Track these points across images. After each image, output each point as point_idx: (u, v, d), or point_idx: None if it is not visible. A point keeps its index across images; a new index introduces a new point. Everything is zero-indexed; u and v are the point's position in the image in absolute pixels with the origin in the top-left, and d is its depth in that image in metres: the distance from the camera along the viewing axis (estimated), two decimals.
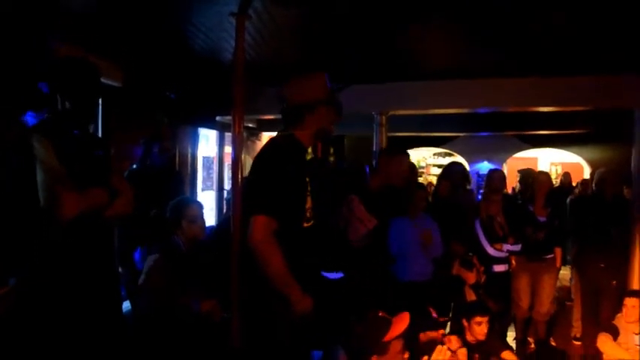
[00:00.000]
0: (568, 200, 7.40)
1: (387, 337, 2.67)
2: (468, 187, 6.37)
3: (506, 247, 5.00)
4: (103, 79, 2.76)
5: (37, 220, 1.77)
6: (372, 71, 5.95)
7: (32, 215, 1.74)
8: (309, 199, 2.55)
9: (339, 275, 3.75)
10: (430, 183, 10.35)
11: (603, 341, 4.41)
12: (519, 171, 6.58)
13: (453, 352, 3.73)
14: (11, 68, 1.84)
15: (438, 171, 12.33)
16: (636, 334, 4.36)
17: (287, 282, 2.40)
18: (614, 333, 4.39)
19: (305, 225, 2.55)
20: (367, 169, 4.13)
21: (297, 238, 2.52)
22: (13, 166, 1.69)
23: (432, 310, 4.18)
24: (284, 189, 2.43)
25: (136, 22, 4.12)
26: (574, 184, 9.80)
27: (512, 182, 9.99)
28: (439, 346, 3.51)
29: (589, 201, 5.60)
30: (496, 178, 5.53)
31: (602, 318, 4.85)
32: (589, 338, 4.89)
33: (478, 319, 3.94)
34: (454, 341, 3.81)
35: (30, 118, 2.30)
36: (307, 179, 2.57)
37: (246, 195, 2.59)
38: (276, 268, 2.38)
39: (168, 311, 3.24)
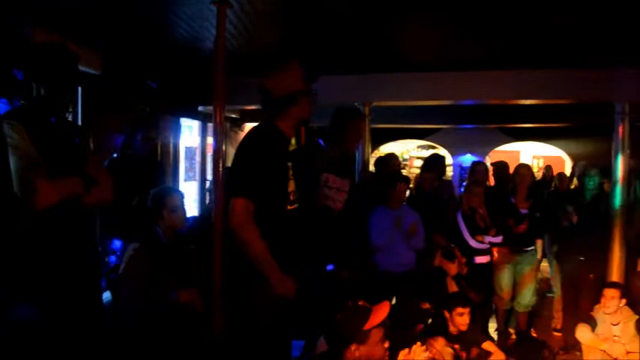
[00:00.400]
0: (545, 193, 7.48)
1: (367, 326, 2.66)
2: (444, 177, 6.41)
3: (488, 238, 5.03)
4: (82, 67, 2.72)
5: (11, 208, 1.73)
6: (355, 62, 5.92)
7: (5, 203, 1.69)
8: (291, 183, 2.62)
9: (330, 267, 3.75)
10: (417, 176, 10.35)
11: (581, 331, 4.46)
12: (492, 164, 6.62)
13: (439, 352, 3.71)
14: None
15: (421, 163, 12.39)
16: (614, 324, 4.41)
17: (267, 262, 2.48)
18: (593, 324, 4.44)
19: (289, 207, 2.63)
20: (321, 142, 4.06)
21: (281, 220, 2.60)
22: None
23: (421, 302, 4.18)
24: (262, 172, 2.51)
25: (116, 9, 4.06)
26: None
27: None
28: (415, 347, 3.50)
29: (569, 194, 5.62)
30: (479, 170, 5.57)
31: (581, 309, 4.90)
32: (569, 329, 4.94)
33: (459, 309, 3.96)
34: (440, 342, 3.79)
35: (2, 106, 2.25)
36: (289, 164, 2.63)
37: (228, 182, 2.66)
38: (256, 248, 2.47)
39: (147, 301, 3.21)
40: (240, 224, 2.46)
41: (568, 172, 10.89)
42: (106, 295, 4.12)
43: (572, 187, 7.31)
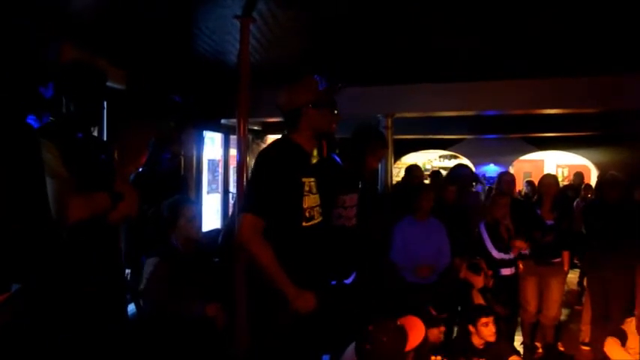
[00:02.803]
0: (575, 204, 7.36)
1: (408, 348, 2.62)
2: (473, 189, 6.32)
3: (514, 248, 4.94)
4: (107, 82, 2.75)
5: (43, 225, 1.74)
6: (377, 73, 5.92)
7: (38, 219, 1.71)
8: (306, 199, 2.58)
9: (351, 278, 3.72)
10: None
11: (610, 345, 4.35)
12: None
13: None
14: (11, 71, 1.82)
15: (444, 173, 12.33)
16: None
17: (277, 277, 2.45)
18: (622, 337, 4.33)
19: (305, 224, 2.58)
20: (337, 158, 3.98)
21: (297, 237, 2.57)
22: (20, 168, 1.67)
23: (431, 308, 4.11)
24: (271, 189, 2.50)
25: (141, 25, 4.12)
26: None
27: (519, 185, 9.95)
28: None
29: (596, 206, 5.50)
30: (505, 180, 5.50)
31: (611, 322, 4.79)
32: (597, 343, 4.83)
33: (483, 320, 3.90)
34: None
35: (32, 122, 2.28)
36: (307, 180, 2.60)
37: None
38: (264, 263, 2.45)
39: (169, 315, 3.22)
40: (246, 240, 2.47)
41: (593, 180, 10.75)
42: (131, 308, 4.15)
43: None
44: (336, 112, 2.68)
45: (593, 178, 11.71)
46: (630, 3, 3.56)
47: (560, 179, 10.67)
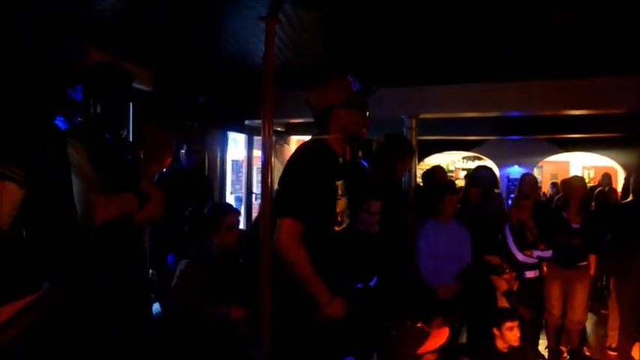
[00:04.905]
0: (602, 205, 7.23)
1: (421, 350, 2.60)
2: (497, 190, 6.26)
3: (537, 253, 4.89)
4: (133, 84, 2.78)
5: (72, 225, 1.77)
6: (402, 74, 5.90)
7: (67, 220, 1.74)
8: (339, 203, 2.51)
9: (373, 281, 3.71)
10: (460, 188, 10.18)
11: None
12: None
13: None
14: (39, 73, 1.84)
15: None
16: None
17: (314, 284, 2.37)
18: None
19: (337, 228, 2.51)
20: (365, 164, 3.97)
21: (329, 242, 2.50)
22: (49, 169, 1.69)
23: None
24: (310, 192, 2.40)
25: (167, 27, 4.15)
26: (613, 186, 9.43)
27: (544, 187, 9.82)
28: None
29: (628, 208, 5.39)
30: (527, 182, 5.44)
31: None
32: (626, 348, 4.74)
33: (508, 324, 3.86)
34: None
35: (60, 124, 2.31)
36: (339, 183, 2.53)
37: (275, 199, 2.58)
38: (302, 270, 2.36)
39: (195, 316, 3.23)
40: (285, 244, 2.36)
41: (620, 182, 10.57)
42: (155, 307, 4.19)
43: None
44: (367, 114, 2.59)
45: (620, 179, 11.51)
46: None
47: (586, 181, 10.51)
